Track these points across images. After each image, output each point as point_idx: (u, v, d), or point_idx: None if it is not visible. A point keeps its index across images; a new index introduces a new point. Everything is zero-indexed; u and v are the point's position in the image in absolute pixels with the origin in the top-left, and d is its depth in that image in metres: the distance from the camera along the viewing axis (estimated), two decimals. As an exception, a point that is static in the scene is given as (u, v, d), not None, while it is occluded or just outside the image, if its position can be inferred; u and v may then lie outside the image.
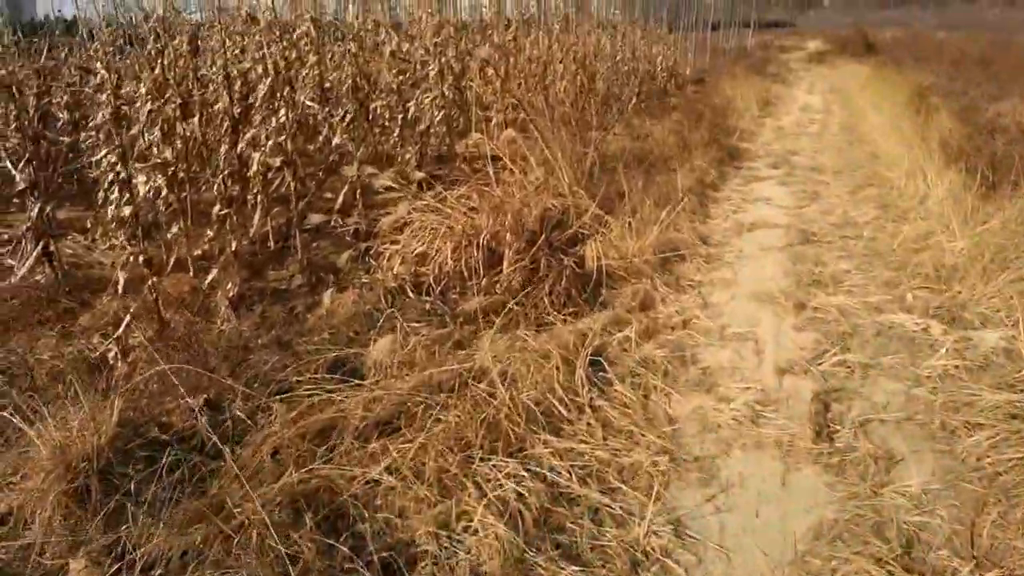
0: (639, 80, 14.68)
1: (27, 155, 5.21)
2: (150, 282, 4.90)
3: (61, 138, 6.56)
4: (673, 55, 19.19)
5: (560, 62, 13.20)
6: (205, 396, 3.87)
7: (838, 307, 5.05)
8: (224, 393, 3.90)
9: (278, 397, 3.73)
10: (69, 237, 6.51)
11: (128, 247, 4.92)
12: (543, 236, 5.25)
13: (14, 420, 3.52)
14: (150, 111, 5.74)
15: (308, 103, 6.85)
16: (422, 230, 5.55)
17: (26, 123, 5.42)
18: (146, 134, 5.55)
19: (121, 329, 4.76)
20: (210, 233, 5.75)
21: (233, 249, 5.55)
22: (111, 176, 4.80)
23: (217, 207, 5.54)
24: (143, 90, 5.39)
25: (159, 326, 4.95)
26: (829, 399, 3.94)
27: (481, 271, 4.91)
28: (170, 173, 5.50)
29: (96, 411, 3.75)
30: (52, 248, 5.45)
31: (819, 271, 5.76)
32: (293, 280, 5.98)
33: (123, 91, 6.02)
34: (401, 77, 8.14)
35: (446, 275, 4.92)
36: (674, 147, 9.27)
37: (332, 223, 6.94)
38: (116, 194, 4.82)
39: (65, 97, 7.33)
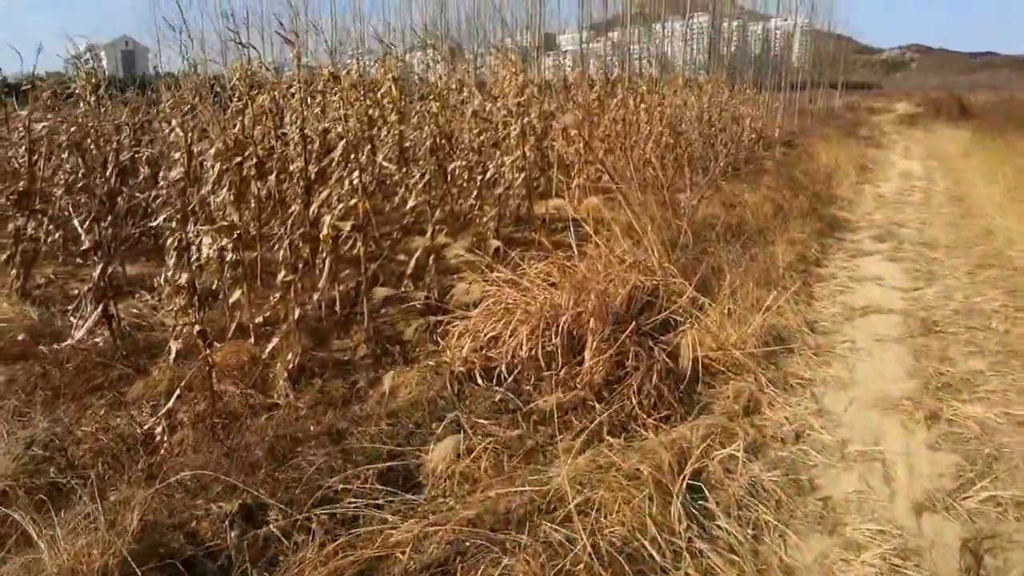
0: (728, 142, 13.95)
1: (93, 213, 4.88)
2: (204, 355, 4.44)
3: (138, 194, 6.28)
4: (761, 116, 18.41)
5: (646, 123, 12.67)
6: (240, 501, 3.32)
7: (977, 420, 4.20)
8: (263, 496, 3.35)
9: (320, 511, 3.15)
10: (137, 295, 6.19)
11: (183, 315, 4.50)
12: (631, 320, 4.58)
13: (22, 523, 3.04)
14: (226, 169, 5.40)
15: (384, 164, 6.43)
16: (496, 304, 4.97)
17: (93, 180, 5.10)
18: (215, 194, 5.19)
19: (170, 403, 4.34)
20: (274, 298, 5.31)
21: (296, 318, 5.07)
22: (169, 240, 4.39)
23: (283, 273, 5.08)
24: (212, 150, 5.01)
25: (210, 401, 4.48)
26: (980, 549, 3.12)
27: (559, 360, 4.27)
28: (235, 236, 5.09)
29: (120, 510, 3.30)
30: (112, 310, 5.08)
31: (947, 371, 4.89)
32: (358, 351, 5.49)
33: (198, 148, 5.76)
34: (482, 137, 7.67)
35: (520, 362, 4.30)
36: (770, 216, 8.49)
37: (403, 289, 6.45)
38: (173, 259, 4.40)
39: (147, 152, 7.12)
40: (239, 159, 6.08)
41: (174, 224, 4.32)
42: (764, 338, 4.96)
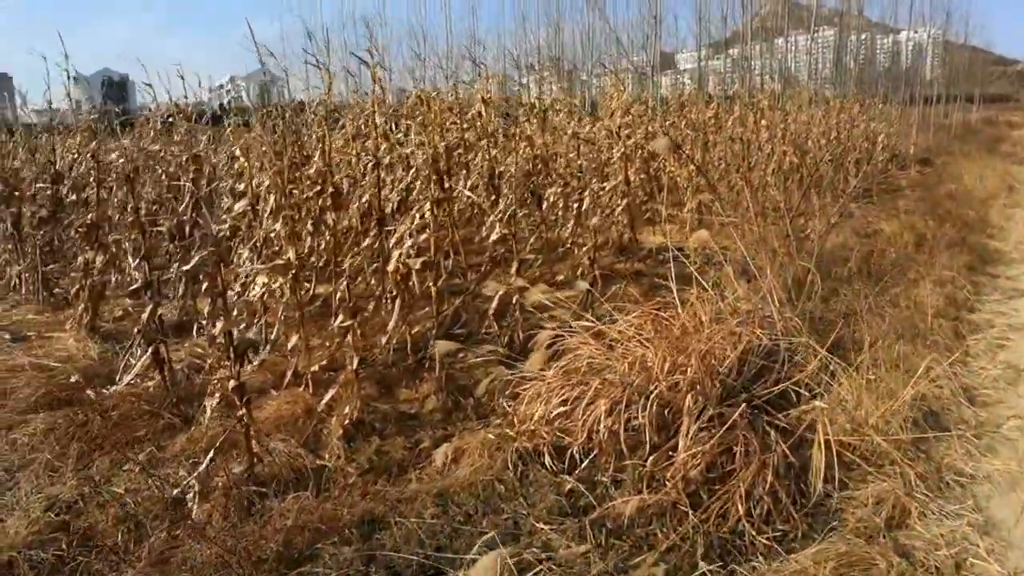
0: (858, 161, 12.32)
1: (143, 250, 4.31)
2: (239, 415, 3.75)
3: (215, 225, 5.74)
4: (895, 132, 16.42)
5: (767, 141, 11.35)
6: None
7: None
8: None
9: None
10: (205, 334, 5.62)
11: (220, 368, 3.83)
12: (741, 391, 3.53)
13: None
14: (283, 204, 4.74)
15: (467, 193, 5.63)
16: (578, 359, 4.02)
17: (161, 211, 4.53)
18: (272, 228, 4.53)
19: (201, 467, 3.69)
20: (333, 345, 4.60)
21: (354, 367, 4.31)
22: (205, 283, 3.72)
23: (340, 318, 4.34)
24: (267, 181, 4.34)
25: (247, 464, 3.79)
26: None
27: (647, 442, 3.26)
28: (291, 275, 4.39)
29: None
30: (163, 354, 4.49)
31: None
32: (426, 403, 4.69)
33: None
34: (580, 161, 6.73)
35: (597, 444, 3.33)
36: (912, 247, 7.05)
37: (486, 329, 5.61)
38: (209, 306, 3.73)
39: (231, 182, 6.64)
40: (318, 188, 5.47)
41: (209, 266, 3.64)
42: (912, 414, 3.75)
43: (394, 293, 4.93)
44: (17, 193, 6.20)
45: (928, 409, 3.95)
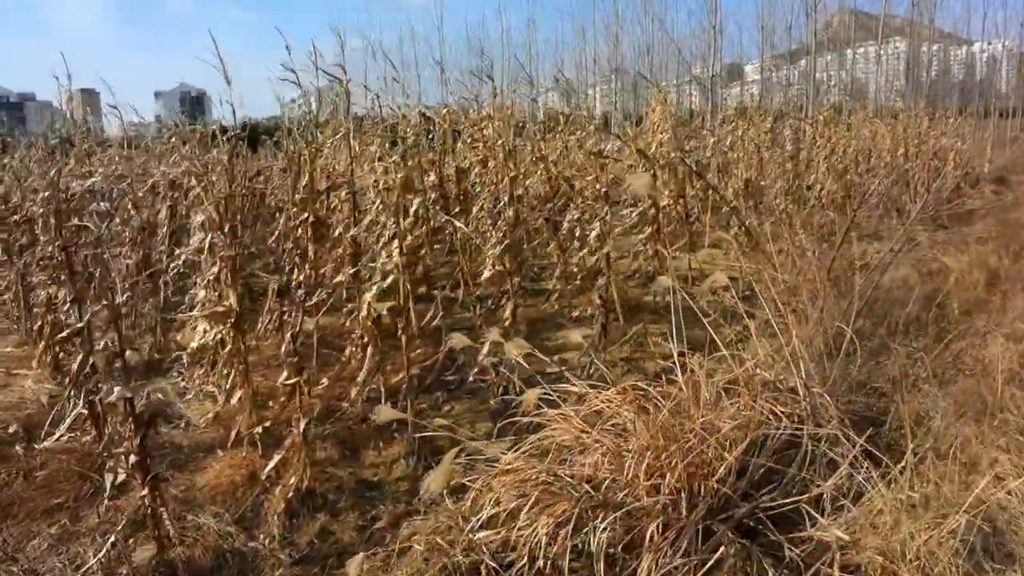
0: (926, 180, 10.88)
1: (75, 290, 3.66)
2: (142, 495, 3.06)
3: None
4: (968, 149, 14.68)
5: (826, 159, 10.18)
6: None
7: None
8: None
9: None
10: (173, 371, 4.94)
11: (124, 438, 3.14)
12: (743, 499, 2.60)
13: None
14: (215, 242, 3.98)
15: (459, 224, 4.82)
16: (552, 434, 3.16)
17: (71, 252, 3.82)
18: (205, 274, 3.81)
19: (104, 550, 3.06)
20: (279, 403, 3.86)
21: (301, 430, 3.57)
22: (103, 340, 3.04)
23: (284, 374, 3.60)
24: (200, 218, 3.62)
25: (157, 549, 3.10)
26: None
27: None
28: (230, 323, 3.68)
29: None
30: (99, 407, 3.84)
31: None
32: (394, 468, 3.94)
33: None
34: (598, 185, 5.83)
35: (539, 571, 2.46)
36: (981, 285, 5.83)
37: (476, 376, 4.81)
38: (106, 368, 3.06)
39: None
40: (303, 216, 4.80)
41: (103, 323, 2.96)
42: (967, 536, 2.71)
43: (365, 339, 4.17)
44: (15, 218, 5.75)
45: (989, 526, 2.89)
